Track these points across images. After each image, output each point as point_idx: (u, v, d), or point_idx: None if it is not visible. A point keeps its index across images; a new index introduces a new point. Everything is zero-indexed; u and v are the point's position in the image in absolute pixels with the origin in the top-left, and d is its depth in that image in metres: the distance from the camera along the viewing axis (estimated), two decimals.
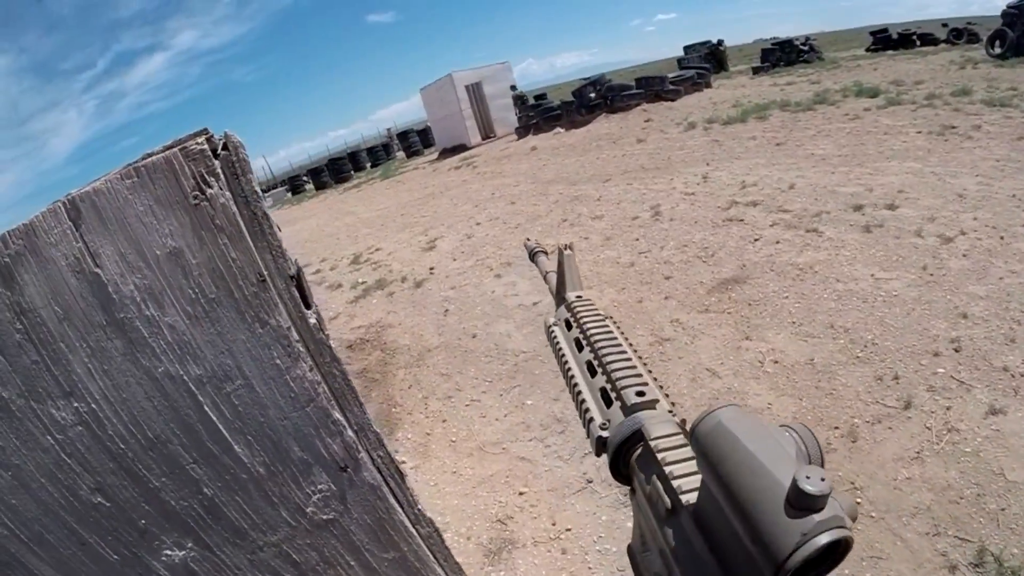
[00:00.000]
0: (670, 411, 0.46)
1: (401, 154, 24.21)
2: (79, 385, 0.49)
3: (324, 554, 0.63)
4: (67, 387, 0.49)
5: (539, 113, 14.66)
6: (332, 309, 5.66)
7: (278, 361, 0.53)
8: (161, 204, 0.47)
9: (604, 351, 0.54)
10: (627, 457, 0.44)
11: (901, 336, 2.94)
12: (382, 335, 4.75)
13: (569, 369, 0.57)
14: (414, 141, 23.05)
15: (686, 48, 18.27)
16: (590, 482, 2.51)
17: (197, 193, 0.48)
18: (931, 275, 3.44)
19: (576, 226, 6.08)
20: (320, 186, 21.94)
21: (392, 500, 0.66)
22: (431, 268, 6.09)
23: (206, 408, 0.52)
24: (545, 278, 0.82)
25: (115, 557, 0.53)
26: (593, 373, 0.54)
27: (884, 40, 17.77)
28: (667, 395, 0.49)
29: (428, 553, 0.72)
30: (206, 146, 0.48)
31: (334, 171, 22.01)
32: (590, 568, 2.10)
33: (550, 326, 0.69)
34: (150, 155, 0.48)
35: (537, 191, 8.32)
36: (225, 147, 0.51)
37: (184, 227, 0.48)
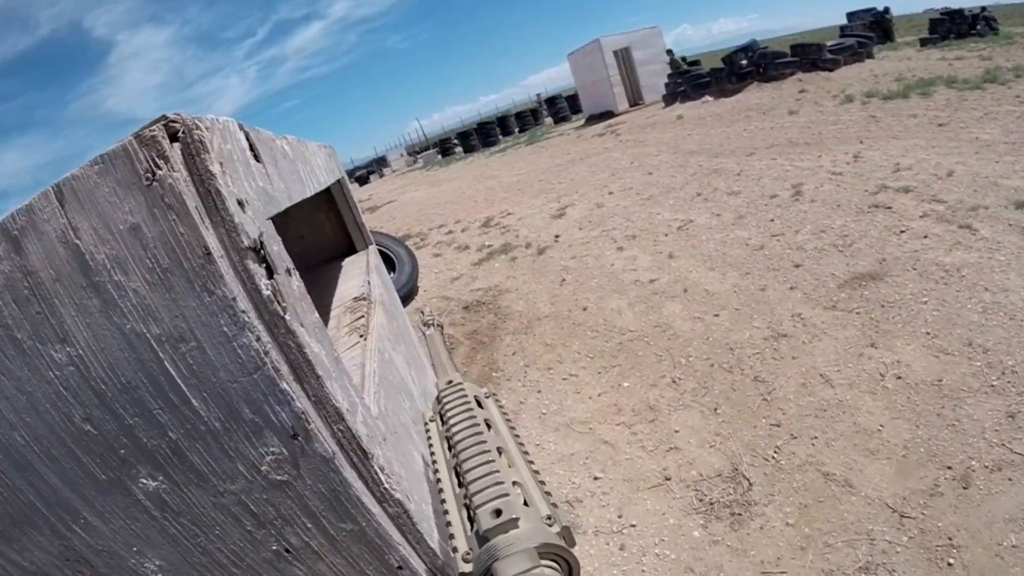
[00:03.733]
0: (548, 518, 0.39)
1: (549, 120, 24.27)
2: (70, 334, 0.57)
3: (280, 511, 0.68)
4: (61, 334, 0.57)
5: (687, 80, 13.78)
6: (456, 270, 5.94)
7: (225, 329, 0.57)
8: (121, 185, 0.53)
9: (465, 454, 0.47)
10: None
11: None
12: (498, 299, 4.89)
13: (439, 480, 0.51)
14: (562, 107, 22.99)
15: (849, 15, 16.41)
16: (668, 479, 2.40)
17: (149, 176, 0.52)
18: None
19: (710, 201, 5.68)
20: (468, 149, 22.82)
21: (349, 474, 0.69)
22: (556, 236, 6.10)
23: (166, 364, 0.58)
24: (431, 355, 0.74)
25: (103, 476, 0.62)
26: (460, 483, 0.47)
27: None
28: (548, 493, 0.42)
29: (394, 532, 0.74)
30: (158, 132, 0.53)
31: (482, 135, 22.73)
32: (643, 571, 2.02)
33: (427, 422, 0.62)
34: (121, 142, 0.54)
35: (676, 162, 7.89)
36: (183, 131, 0.55)
37: (140, 205, 0.53)
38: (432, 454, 0.56)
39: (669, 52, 16.18)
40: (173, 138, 0.56)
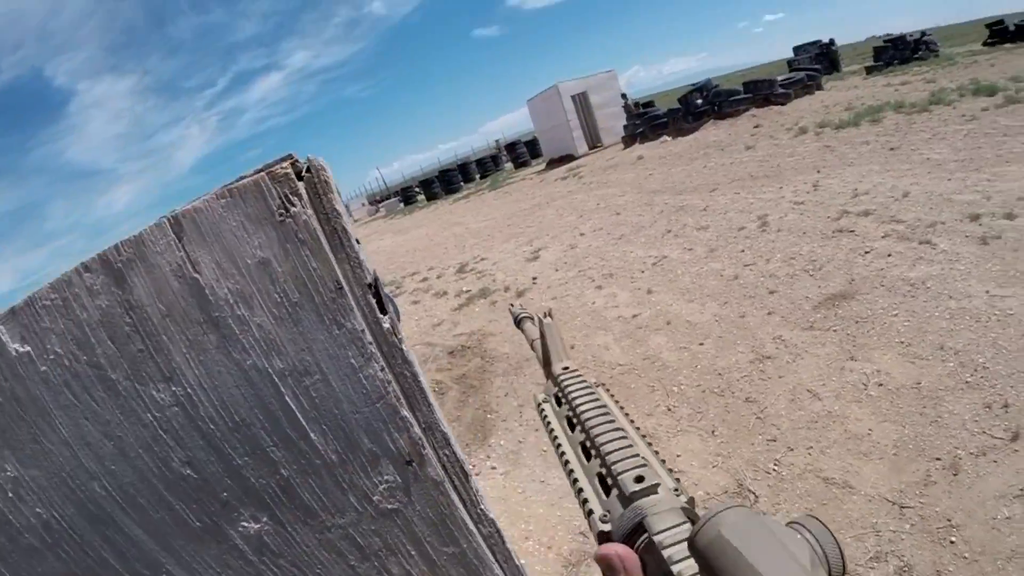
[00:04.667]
0: (675, 490, 0.43)
1: (509, 165, 24.77)
2: (177, 372, 0.56)
3: (387, 541, 0.67)
4: (167, 373, 0.56)
5: (645, 121, 14.36)
6: (436, 316, 5.92)
7: (352, 360, 0.58)
8: (251, 220, 0.54)
9: (597, 431, 0.51)
10: (634, 550, 0.40)
11: (1014, 360, 2.62)
12: (483, 343, 4.88)
13: (563, 453, 0.54)
14: (522, 152, 23.51)
15: (796, 49, 17.25)
16: None
17: (282, 211, 0.54)
18: None
19: (680, 236, 5.88)
20: (431, 197, 23.00)
21: (454, 496, 0.69)
22: (534, 278, 6.17)
23: (287, 398, 0.58)
24: (532, 346, 0.77)
25: (197, 524, 0.60)
26: (588, 456, 0.51)
27: (1001, 32, 16.00)
28: (671, 470, 0.46)
29: (488, 552, 0.74)
30: (290, 170, 0.55)
31: (444, 182, 22.98)
32: None
33: (540, 403, 0.65)
34: (243, 178, 0.55)
35: (642, 201, 8.17)
36: (308, 170, 0.57)
37: (271, 240, 0.54)
38: (550, 432, 0.58)
39: (624, 96, 16.92)
40: (298, 176, 0.58)
